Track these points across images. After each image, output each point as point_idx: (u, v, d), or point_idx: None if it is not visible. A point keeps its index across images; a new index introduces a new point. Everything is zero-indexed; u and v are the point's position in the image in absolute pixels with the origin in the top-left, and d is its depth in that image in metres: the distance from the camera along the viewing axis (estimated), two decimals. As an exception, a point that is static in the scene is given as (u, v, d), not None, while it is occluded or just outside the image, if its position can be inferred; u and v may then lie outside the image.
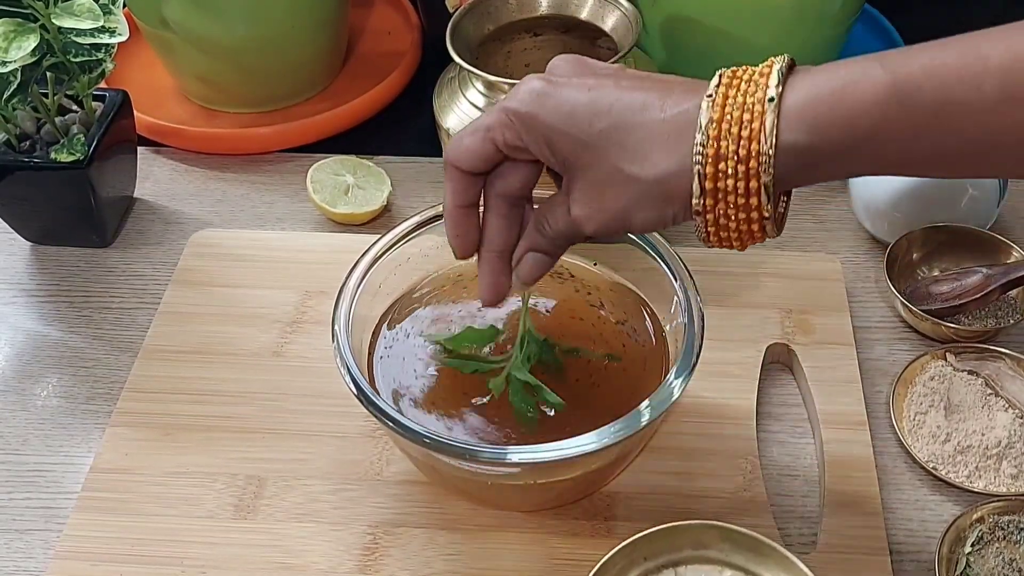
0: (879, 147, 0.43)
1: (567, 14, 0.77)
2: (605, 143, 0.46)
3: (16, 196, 0.77)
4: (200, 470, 0.64)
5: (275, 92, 0.93)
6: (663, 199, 0.46)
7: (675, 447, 0.63)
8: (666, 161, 0.45)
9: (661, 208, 0.46)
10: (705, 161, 0.44)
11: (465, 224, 0.52)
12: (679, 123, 0.45)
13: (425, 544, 0.60)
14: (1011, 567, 0.58)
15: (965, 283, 0.71)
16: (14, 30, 0.67)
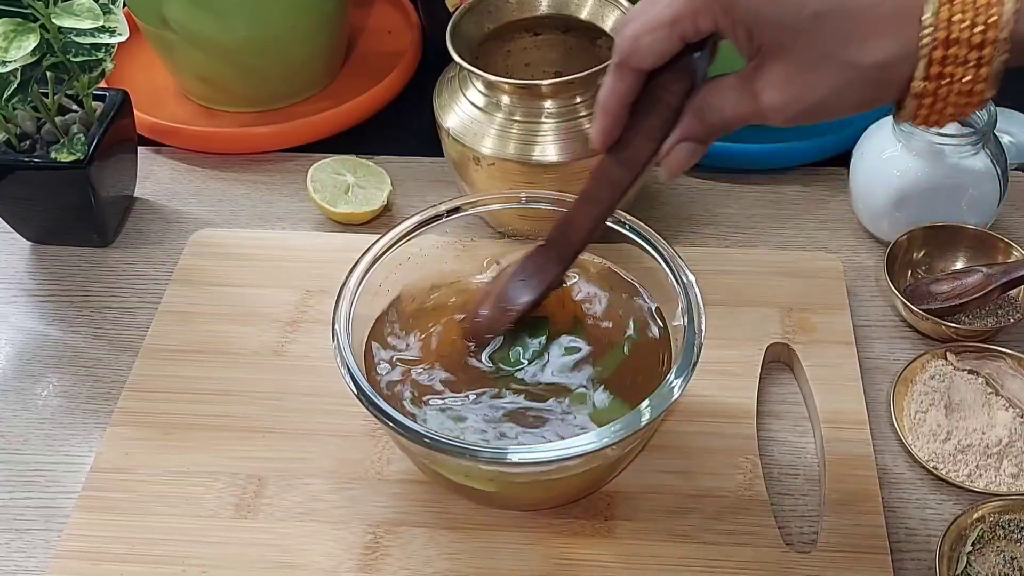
0: None
1: (567, 14, 0.77)
2: (817, 26, 0.43)
3: (16, 196, 0.77)
4: (201, 469, 0.64)
5: (275, 92, 0.93)
6: (877, 84, 0.44)
7: (675, 446, 0.63)
8: (888, 45, 0.43)
9: (872, 93, 0.44)
10: (934, 46, 0.42)
11: (621, 120, 0.50)
12: (902, 3, 0.42)
13: (426, 543, 0.60)
14: (1012, 566, 0.58)
15: (965, 282, 0.71)
16: (14, 30, 0.67)
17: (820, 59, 0.44)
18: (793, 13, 0.43)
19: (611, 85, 0.50)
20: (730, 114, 0.48)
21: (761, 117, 0.47)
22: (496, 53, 0.78)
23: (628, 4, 0.74)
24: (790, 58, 0.44)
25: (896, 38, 0.43)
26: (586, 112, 0.71)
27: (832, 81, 0.44)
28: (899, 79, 0.44)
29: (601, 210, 0.55)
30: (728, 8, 0.44)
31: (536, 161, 0.71)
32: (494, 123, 0.72)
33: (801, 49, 0.44)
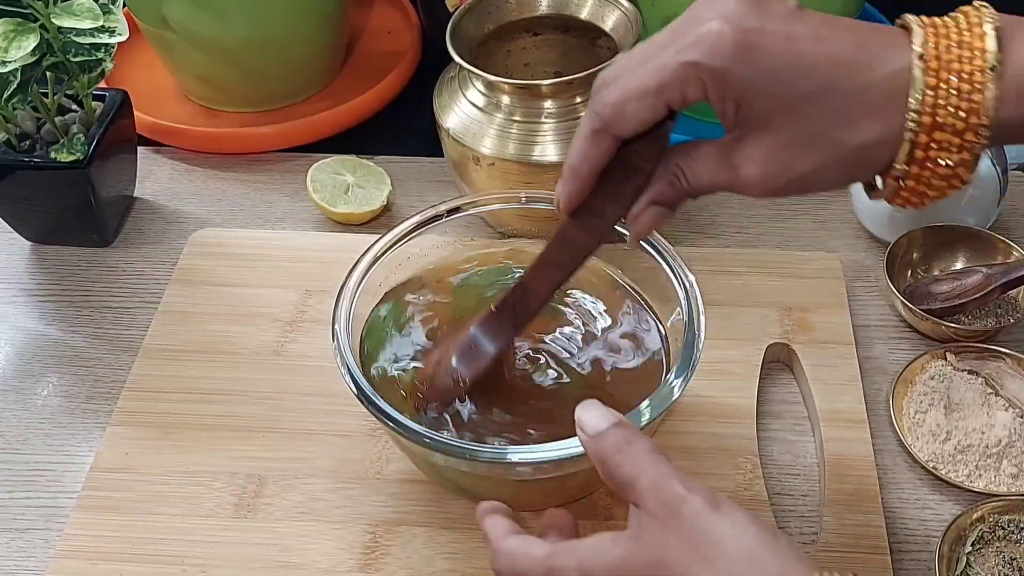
0: None
1: (567, 14, 0.77)
2: (809, 104, 0.43)
3: (16, 196, 0.77)
4: (200, 469, 0.64)
5: (275, 92, 0.93)
6: (859, 164, 0.44)
7: (675, 446, 0.63)
8: (875, 127, 0.43)
9: (853, 173, 0.45)
10: (918, 130, 0.42)
11: (590, 184, 0.49)
12: (891, 87, 0.43)
13: (426, 543, 0.60)
14: (1011, 566, 0.58)
15: (965, 283, 0.71)
16: (14, 30, 0.67)
17: (807, 137, 0.44)
18: (786, 89, 0.43)
19: (585, 151, 0.48)
20: (706, 182, 0.47)
21: (737, 187, 0.47)
22: (496, 53, 0.78)
23: (628, 4, 0.74)
24: (776, 133, 0.44)
25: (884, 121, 0.43)
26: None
27: (816, 159, 0.44)
28: (881, 161, 0.44)
29: (561, 275, 0.54)
30: (719, 79, 0.43)
31: (536, 161, 0.71)
32: (494, 123, 0.72)
33: (789, 126, 0.44)
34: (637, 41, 0.72)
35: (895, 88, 0.43)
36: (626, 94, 0.45)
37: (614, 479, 0.46)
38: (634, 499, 0.45)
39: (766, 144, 0.45)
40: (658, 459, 0.45)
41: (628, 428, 0.47)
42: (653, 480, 0.45)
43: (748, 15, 0.43)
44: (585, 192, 0.50)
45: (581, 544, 0.46)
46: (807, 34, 0.43)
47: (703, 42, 0.43)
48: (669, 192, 0.48)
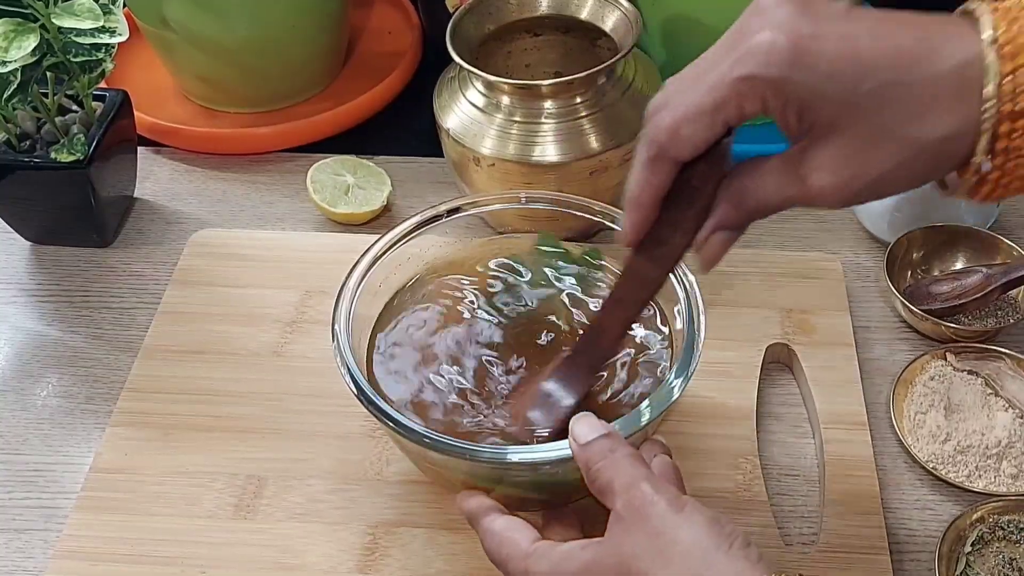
0: None
1: (567, 14, 0.77)
2: (876, 103, 0.41)
3: (16, 196, 0.77)
4: (200, 470, 0.64)
5: (275, 92, 0.93)
6: (936, 159, 0.42)
7: (675, 446, 0.63)
8: (948, 120, 0.41)
9: (929, 169, 0.43)
10: (999, 119, 0.40)
11: (653, 213, 0.47)
12: (961, 78, 0.41)
13: (425, 544, 0.60)
14: (1011, 567, 0.58)
15: (965, 283, 0.71)
16: (14, 30, 0.67)
17: (878, 136, 0.42)
18: (849, 91, 0.41)
19: (644, 179, 0.46)
20: (774, 199, 0.45)
21: (809, 200, 0.44)
22: (496, 54, 0.78)
23: (628, 4, 0.74)
24: (845, 137, 0.42)
25: (957, 113, 0.41)
26: (586, 112, 0.72)
27: (891, 159, 0.42)
28: (959, 154, 0.42)
29: (632, 312, 0.53)
30: (779, 89, 0.42)
31: (536, 161, 0.71)
32: (494, 123, 0.72)
33: (857, 128, 0.42)
34: (637, 41, 0.72)
35: (966, 78, 0.41)
36: (680, 116, 0.44)
37: (595, 484, 0.47)
38: (610, 503, 0.47)
39: (835, 150, 0.43)
40: (636, 465, 0.47)
41: (614, 438, 0.48)
42: (625, 483, 0.46)
43: (800, 20, 0.41)
44: (649, 222, 0.48)
45: (556, 549, 0.48)
46: (864, 32, 0.41)
47: (756, 54, 0.41)
48: (734, 214, 0.46)
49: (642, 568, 0.44)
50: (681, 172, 0.46)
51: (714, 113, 0.43)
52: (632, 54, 0.74)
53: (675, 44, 0.85)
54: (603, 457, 0.47)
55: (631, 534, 0.45)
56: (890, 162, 0.42)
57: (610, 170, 0.73)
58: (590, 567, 0.46)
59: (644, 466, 0.47)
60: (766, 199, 0.45)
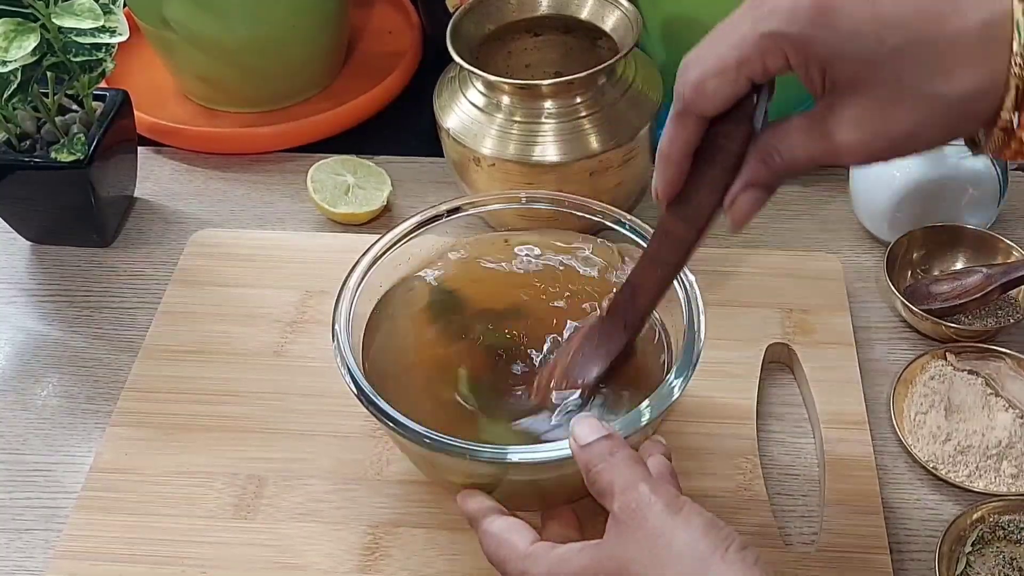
0: None
1: (567, 14, 0.77)
2: (900, 59, 0.41)
3: (16, 196, 0.77)
4: (200, 470, 0.64)
5: (275, 92, 0.93)
6: (963, 116, 0.42)
7: (675, 447, 0.63)
8: (974, 75, 0.40)
9: (955, 127, 0.42)
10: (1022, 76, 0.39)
11: (684, 170, 0.48)
12: (988, 33, 0.40)
13: (426, 544, 0.60)
14: (1011, 567, 0.58)
15: (965, 283, 0.71)
16: (14, 30, 0.67)
17: (902, 93, 0.42)
18: (873, 47, 0.41)
19: (673, 133, 0.47)
20: (801, 156, 0.45)
21: (835, 157, 0.44)
22: (496, 53, 0.78)
23: (628, 4, 0.74)
24: (869, 93, 0.42)
25: (984, 67, 0.40)
26: (586, 112, 0.72)
27: (916, 115, 0.42)
28: (986, 110, 0.41)
29: (667, 271, 0.53)
30: (801, 46, 0.42)
31: (536, 161, 0.71)
32: (494, 123, 0.72)
33: (882, 83, 0.42)
34: (637, 41, 0.72)
35: (994, 33, 0.40)
36: (705, 72, 0.45)
37: (594, 486, 0.48)
38: (608, 505, 0.47)
39: (860, 106, 0.43)
40: (635, 467, 0.47)
41: (614, 440, 0.48)
42: (623, 485, 0.46)
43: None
44: (679, 178, 0.49)
45: (553, 551, 0.48)
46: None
47: (779, 11, 0.42)
48: (763, 172, 0.47)
49: (638, 572, 0.44)
50: (710, 130, 0.47)
51: (737, 69, 0.44)
52: (632, 54, 0.74)
53: (675, 44, 0.84)
54: (603, 460, 0.48)
55: (628, 537, 0.45)
56: (913, 119, 0.42)
57: (610, 170, 0.73)
58: (586, 570, 0.46)
59: (644, 468, 0.48)
60: (793, 156, 0.45)
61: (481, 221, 0.67)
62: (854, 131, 0.43)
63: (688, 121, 0.47)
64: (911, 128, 0.42)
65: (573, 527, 0.54)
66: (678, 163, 0.48)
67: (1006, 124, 0.41)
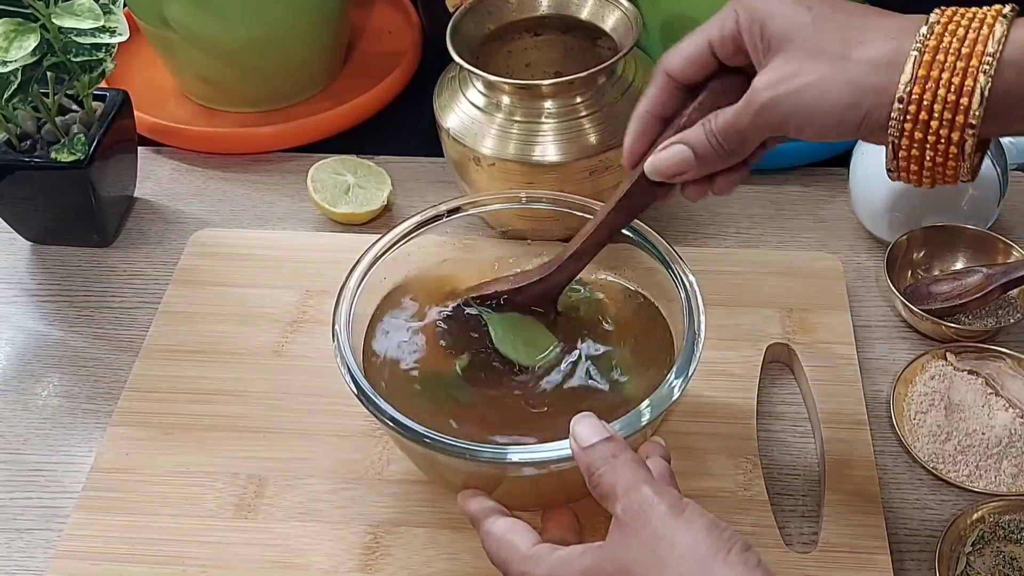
0: None
1: (567, 14, 0.77)
2: (820, 24, 0.47)
3: (16, 196, 0.77)
4: (201, 469, 0.64)
5: (275, 92, 0.93)
6: (864, 86, 0.45)
7: (675, 446, 0.63)
8: (883, 48, 0.45)
9: (859, 95, 0.45)
10: (923, 50, 0.44)
11: (649, 133, 0.53)
12: (903, 22, 0.46)
13: (426, 543, 0.60)
14: (1011, 566, 0.58)
15: (965, 283, 0.71)
16: (14, 30, 0.67)
17: (817, 52, 0.46)
18: (802, 10, 0.47)
19: (647, 92, 0.53)
20: (730, 116, 0.50)
21: (754, 115, 0.48)
22: (496, 53, 0.78)
23: (628, 4, 0.74)
24: (791, 47, 0.47)
25: (891, 41, 0.45)
26: (586, 112, 0.72)
27: (823, 70, 0.46)
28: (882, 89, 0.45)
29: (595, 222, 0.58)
30: (747, 8, 0.49)
31: (536, 161, 0.71)
32: (494, 123, 0.72)
33: (803, 41, 0.47)
34: (637, 41, 0.72)
35: (908, 23, 0.46)
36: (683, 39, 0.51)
37: (596, 489, 0.48)
38: (611, 508, 0.47)
39: (780, 59, 0.48)
40: (637, 470, 0.47)
41: (616, 442, 0.49)
42: (626, 487, 0.46)
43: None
44: (644, 137, 0.54)
45: (554, 553, 0.48)
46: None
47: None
48: (697, 132, 0.51)
49: (640, 574, 0.44)
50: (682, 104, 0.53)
51: (705, 32, 0.51)
52: (632, 54, 0.74)
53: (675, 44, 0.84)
54: (605, 462, 0.48)
55: (630, 539, 0.45)
56: (819, 73, 0.46)
57: (610, 170, 0.73)
58: (588, 572, 0.46)
59: (646, 471, 0.48)
60: (724, 120, 0.50)
61: (481, 221, 0.67)
62: (768, 75, 0.48)
63: (661, 81, 0.52)
64: (817, 79, 0.46)
65: (572, 529, 0.54)
66: (644, 120, 0.53)
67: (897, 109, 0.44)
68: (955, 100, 0.44)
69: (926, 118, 0.44)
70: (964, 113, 0.44)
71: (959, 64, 0.44)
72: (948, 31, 0.44)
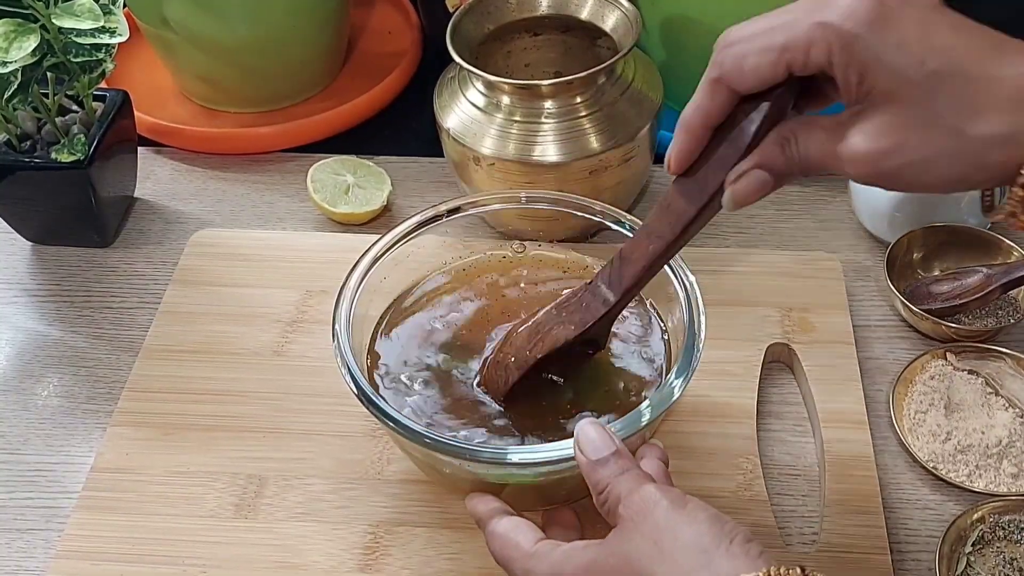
0: None
1: (567, 14, 0.77)
2: (935, 85, 0.41)
3: (17, 196, 0.77)
4: (201, 469, 0.64)
5: (275, 92, 0.93)
6: (978, 163, 0.42)
7: (675, 446, 0.63)
8: (1000, 121, 0.41)
9: (970, 171, 0.42)
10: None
11: (701, 141, 0.48)
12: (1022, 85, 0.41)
13: (426, 543, 0.60)
14: (1012, 567, 0.58)
15: (965, 283, 0.71)
16: (14, 30, 0.67)
17: (926, 119, 0.42)
18: (913, 66, 0.42)
19: (699, 101, 0.47)
20: (815, 152, 0.45)
21: (843, 162, 0.44)
22: (496, 53, 0.78)
23: (628, 4, 0.74)
24: (895, 110, 0.42)
25: (1011, 117, 0.41)
26: (586, 112, 0.72)
27: (932, 145, 0.42)
28: (1002, 163, 0.41)
29: (659, 245, 0.50)
30: (847, 45, 0.42)
31: (536, 161, 0.71)
32: (494, 123, 0.72)
33: (910, 104, 0.42)
34: (637, 41, 0.72)
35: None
36: (750, 47, 0.45)
37: (604, 506, 0.48)
38: (614, 514, 0.47)
39: (882, 120, 0.43)
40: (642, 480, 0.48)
41: (625, 458, 0.49)
42: (629, 490, 0.47)
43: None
44: (694, 150, 0.48)
45: (557, 550, 0.48)
46: (944, 23, 0.42)
47: (839, 6, 0.42)
48: (777, 156, 0.46)
49: (642, 565, 0.44)
50: (735, 109, 0.47)
51: (782, 51, 0.44)
52: (632, 54, 0.74)
53: (675, 44, 0.85)
54: (615, 477, 0.48)
55: (633, 532, 0.46)
56: (930, 149, 0.42)
57: (610, 170, 0.73)
58: (590, 567, 0.46)
59: (649, 481, 0.48)
60: (807, 149, 0.45)
61: (481, 221, 0.67)
62: (868, 142, 0.43)
63: (718, 92, 0.46)
64: (924, 156, 0.42)
65: (574, 529, 0.54)
66: (697, 133, 0.48)
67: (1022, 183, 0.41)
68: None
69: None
70: None
71: None
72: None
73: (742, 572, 0.43)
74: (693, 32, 0.82)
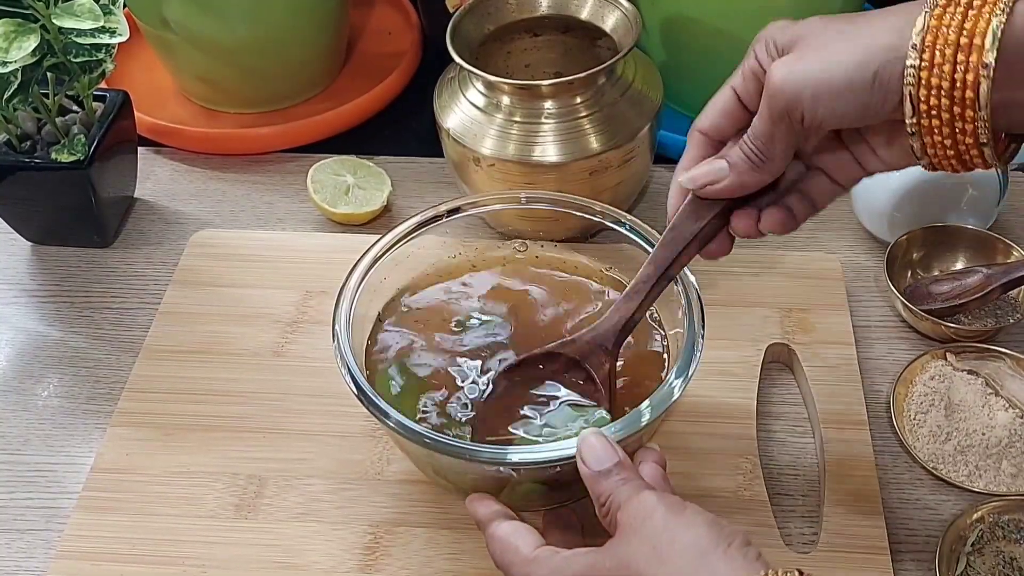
0: None
1: (567, 14, 0.77)
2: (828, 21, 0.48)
3: (17, 196, 0.77)
4: (201, 470, 0.64)
5: (275, 92, 0.93)
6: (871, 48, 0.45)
7: (675, 446, 0.63)
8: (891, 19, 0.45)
9: (864, 55, 0.45)
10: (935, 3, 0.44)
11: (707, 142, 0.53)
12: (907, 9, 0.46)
13: (426, 543, 0.60)
14: (1011, 566, 0.58)
15: (965, 283, 0.71)
16: (15, 30, 0.67)
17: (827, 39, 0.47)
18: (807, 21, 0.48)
19: (685, 155, 0.53)
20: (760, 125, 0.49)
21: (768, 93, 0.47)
22: (496, 54, 0.78)
23: (628, 4, 0.74)
24: (799, 46, 0.48)
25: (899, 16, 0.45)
26: (586, 112, 0.72)
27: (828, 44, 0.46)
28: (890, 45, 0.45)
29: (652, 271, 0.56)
30: (757, 39, 0.50)
31: (536, 161, 0.71)
32: (494, 123, 0.72)
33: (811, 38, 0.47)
34: (637, 41, 0.72)
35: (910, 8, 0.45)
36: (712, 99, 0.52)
37: (607, 517, 0.49)
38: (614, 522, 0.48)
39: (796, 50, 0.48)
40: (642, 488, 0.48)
41: (627, 468, 0.50)
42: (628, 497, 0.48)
43: None
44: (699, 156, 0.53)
45: (556, 555, 0.49)
46: None
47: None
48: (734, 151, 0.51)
49: (640, 568, 0.45)
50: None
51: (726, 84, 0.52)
52: (632, 54, 0.74)
53: (675, 44, 0.85)
54: (618, 487, 0.49)
55: (631, 537, 0.46)
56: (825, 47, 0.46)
57: (610, 170, 0.73)
58: (588, 572, 0.47)
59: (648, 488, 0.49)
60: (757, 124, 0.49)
61: (481, 221, 0.67)
62: (779, 66, 0.47)
63: (693, 138, 0.53)
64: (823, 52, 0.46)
65: (575, 532, 0.54)
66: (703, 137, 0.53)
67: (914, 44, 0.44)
68: (968, 42, 0.43)
69: (940, 61, 0.43)
70: (978, 52, 0.43)
71: (971, 12, 0.43)
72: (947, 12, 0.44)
73: (740, 575, 0.43)
74: (693, 32, 0.82)
